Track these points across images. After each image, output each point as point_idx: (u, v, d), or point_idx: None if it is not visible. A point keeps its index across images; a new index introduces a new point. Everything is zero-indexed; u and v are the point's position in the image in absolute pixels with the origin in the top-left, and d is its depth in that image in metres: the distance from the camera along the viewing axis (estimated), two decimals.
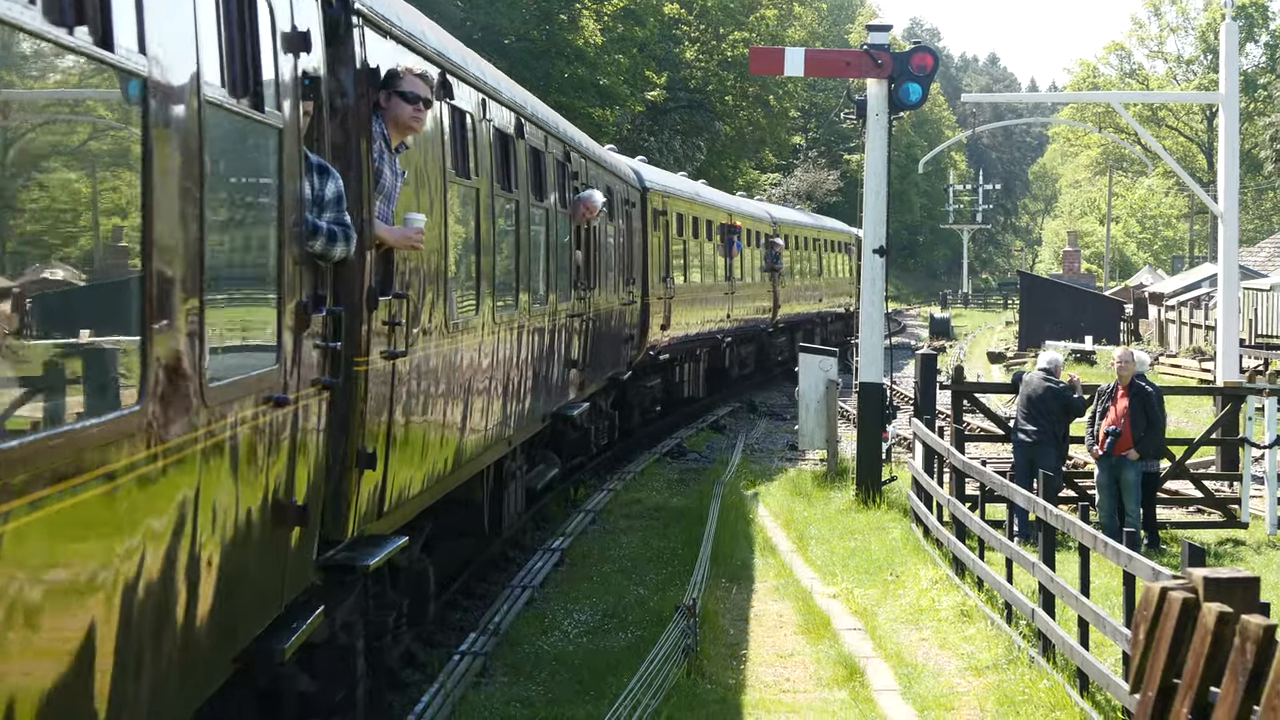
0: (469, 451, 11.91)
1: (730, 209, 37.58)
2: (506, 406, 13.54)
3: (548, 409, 16.52)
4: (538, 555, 17.28)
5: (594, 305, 20.01)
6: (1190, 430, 26.64)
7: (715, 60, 72.74)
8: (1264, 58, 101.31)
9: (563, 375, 17.37)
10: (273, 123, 7.12)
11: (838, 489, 22.49)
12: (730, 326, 36.18)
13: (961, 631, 13.84)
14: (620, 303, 23.24)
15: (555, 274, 16.54)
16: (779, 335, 45.13)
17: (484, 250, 12.40)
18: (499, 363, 13.07)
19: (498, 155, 13.24)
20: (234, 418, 6.49)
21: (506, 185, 13.65)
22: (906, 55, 21.59)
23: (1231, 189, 24.12)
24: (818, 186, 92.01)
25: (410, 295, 9.60)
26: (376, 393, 8.91)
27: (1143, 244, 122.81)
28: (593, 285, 19.76)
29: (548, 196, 16.28)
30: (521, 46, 52.98)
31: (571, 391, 18.22)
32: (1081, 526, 11.72)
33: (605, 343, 21.61)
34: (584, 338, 19.01)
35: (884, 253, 21.75)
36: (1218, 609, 6.99)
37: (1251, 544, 18.73)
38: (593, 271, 19.75)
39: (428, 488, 10.61)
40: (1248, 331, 46.73)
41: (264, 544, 7.05)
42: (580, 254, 18.58)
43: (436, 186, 10.57)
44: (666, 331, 28.41)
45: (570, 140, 18.49)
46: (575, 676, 12.32)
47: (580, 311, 18.62)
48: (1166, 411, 18.70)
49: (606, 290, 21.51)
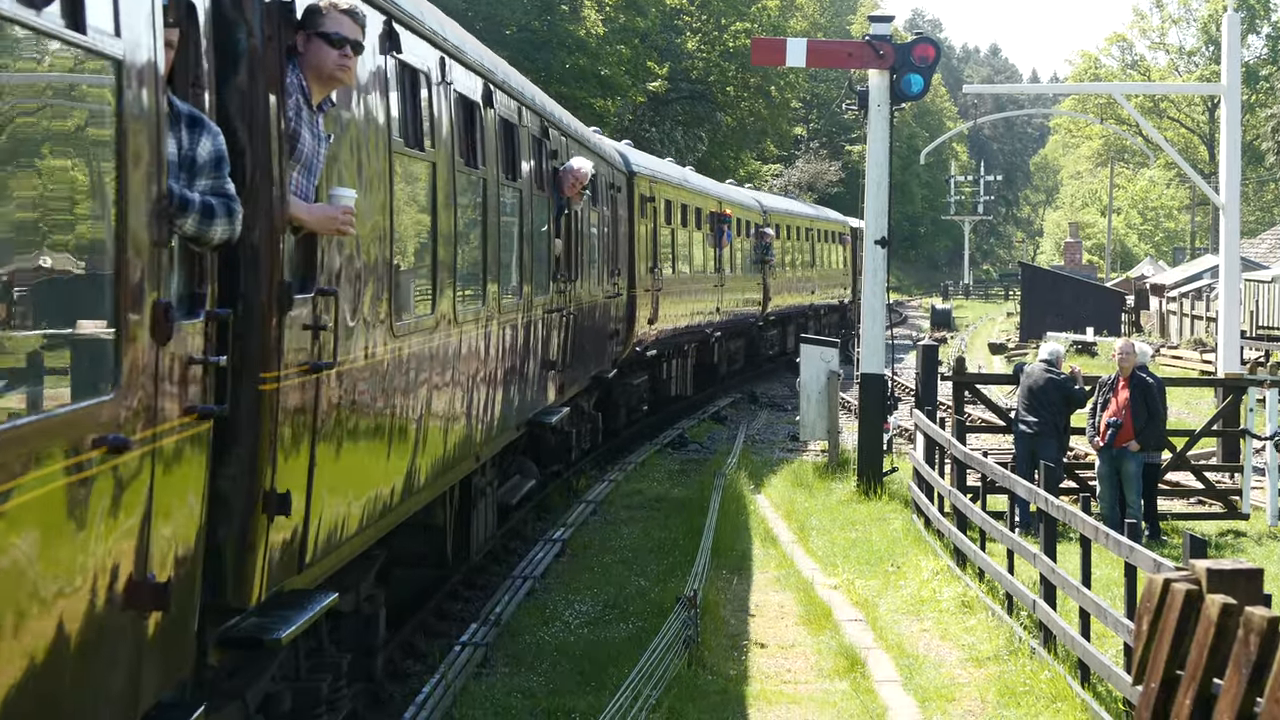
0: (425, 474, 10.28)
1: (720, 196, 36.19)
2: (472, 417, 11.93)
3: (523, 416, 14.82)
4: (539, 546, 17.27)
5: (575, 299, 18.33)
6: (1191, 422, 26.63)
7: (717, 51, 72.67)
8: (1266, 49, 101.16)
9: (539, 378, 15.75)
10: (106, 50, 5.13)
11: (839, 480, 22.49)
12: (720, 320, 34.79)
13: (963, 622, 13.83)
14: (605, 295, 21.71)
15: (530, 264, 14.90)
16: (769, 329, 43.83)
17: (443, 236, 10.72)
18: (462, 368, 11.47)
19: (460, 125, 11.59)
20: (27, 476, 4.59)
21: (471, 161, 12.02)
22: (908, 46, 21.59)
23: (1233, 180, 24.12)
24: (819, 177, 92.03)
25: (341, 291, 7.90)
26: (293, 418, 7.19)
27: (1144, 235, 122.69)
28: (574, 277, 18.13)
29: (521, 176, 14.59)
30: (523, 37, 52.95)
31: (550, 395, 16.56)
32: (1083, 518, 11.71)
33: (588, 340, 19.92)
34: (564, 335, 17.29)
35: (886, 244, 21.75)
36: (1221, 601, 6.98)
37: (1252, 535, 18.72)
38: (574, 261, 18.18)
39: (370, 524, 8.93)
40: (1249, 323, 46.68)
41: (98, 643, 5.20)
42: (560, 242, 16.97)
43: (379, 158, 8.86)
44: (654, 326, 27.04)
45: (549, 115, 16.89)
46: (576, 667, 12.31)
47: (560, 306, 16.93)
48: (1168, 403, 18.68)
49: (589, 282, 19.92)
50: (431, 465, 10.44)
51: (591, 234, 20.25)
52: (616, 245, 23.36)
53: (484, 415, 12.45)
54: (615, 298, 23.03)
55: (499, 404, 13.13)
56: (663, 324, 27.77)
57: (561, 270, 17.03)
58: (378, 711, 11.02)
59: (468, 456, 11.93)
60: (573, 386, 18.81)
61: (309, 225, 7.28)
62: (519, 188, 14.44)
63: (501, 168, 13.38)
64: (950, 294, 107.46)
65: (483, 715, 11.00)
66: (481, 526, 13.68)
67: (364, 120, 8.63)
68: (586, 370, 20.19)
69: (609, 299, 22.24)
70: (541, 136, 16.02)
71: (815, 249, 50.37)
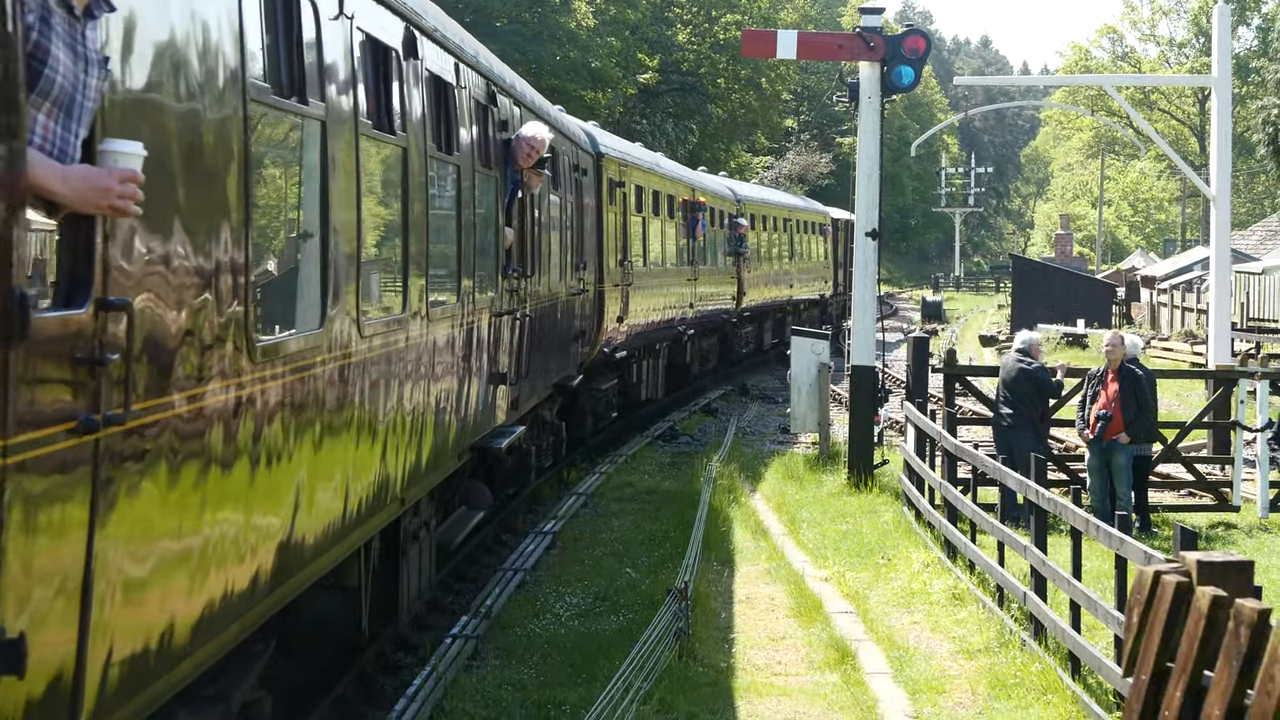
0: (314, 540, 7.88)
1: (692, 183, 33.94)
2: (390, 457, 9.64)
3: (465, 442, 12.61)
4: (529, 538, 17.27)
5: (533, 297, 16.03)
6: (1182, 414, 26.66)
7: (707, 43, 72.74)
8: (1256, 41, 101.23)
9: (486, 394, 13.32)
10: None
11: (830, 472, 22.49)
12: (693, 316, 32.48)
13: (953, 615, 13.84)
14: (568, 292, 19.58)
15: (472, 256, 12.47)
16: (744, 325, 41.45)
17: (338, 221, 8.24)
18: (373, 395, 9.09)
19: (365, 75, 9.05)
20: None
21: (384, 124, 9.65)
22: (899, 38, 21.57)
23: (1223, 172, 24.12)
24: (810, 169, 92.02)
25: (145, 302, 5.52)
26: (39, 510, 4.76)
27: (1135, 227, 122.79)
28: (531, 271, 15.80)
29: (459, 148, 12.07)
30: (513, 30, 52.92)
31: (500, 413, 14.17)
32: (1073, 510, 11.71)
33: (549, 344, 17.73)
34: (518, 341, 14.96)
35: (876, 235, 21.76)
36: (1212, 593, 6.98)
37: (1243, 527, 18.74)
38: (531, 253, 15.89)
39: (219, 626, 6.50)
40: (1239, 315, 46.75)
41: None
42: (512, 231, 14.63)
43: (212, 106, 6.26)
44: (624, 324, 24.99)
45: (497, 77, 14.38)
46: (567, 659, 12.30)
47: (511, 307, 14.50)
48: (1158, 395, 18.67)
49: (550, 277, 17.74)
50: (324, 528, 8.11)
51: (552, 222, 18.17)
52: (582, 235, 21.27)
53: (408, 451, 10.20)
54: (581, 294, 20.90)
55: (429, 433, 10.88)
56: (634, 322, 25.95)
57: (514, 264, 14.75)
58: (368, 704, 11.01)
59: (385, 505, 9.70)
60: (531, 399, 16.57)
61: (62, 199, 4.81)
62: (455, 163, 12.02)
63: (430, 136, 10.98)
64: (941, 286, 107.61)
65: (473, 707, 10.99)
66: (414, 577, 11.64)
67: (187, 48, 6.01)
68: (547, 378, 18.02)
69: (573, 296, 20.10)
70: (487, 102, 13.62)
71: (794, 240, 48.33)
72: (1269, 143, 51.58)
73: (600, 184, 23.42)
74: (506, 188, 14.37)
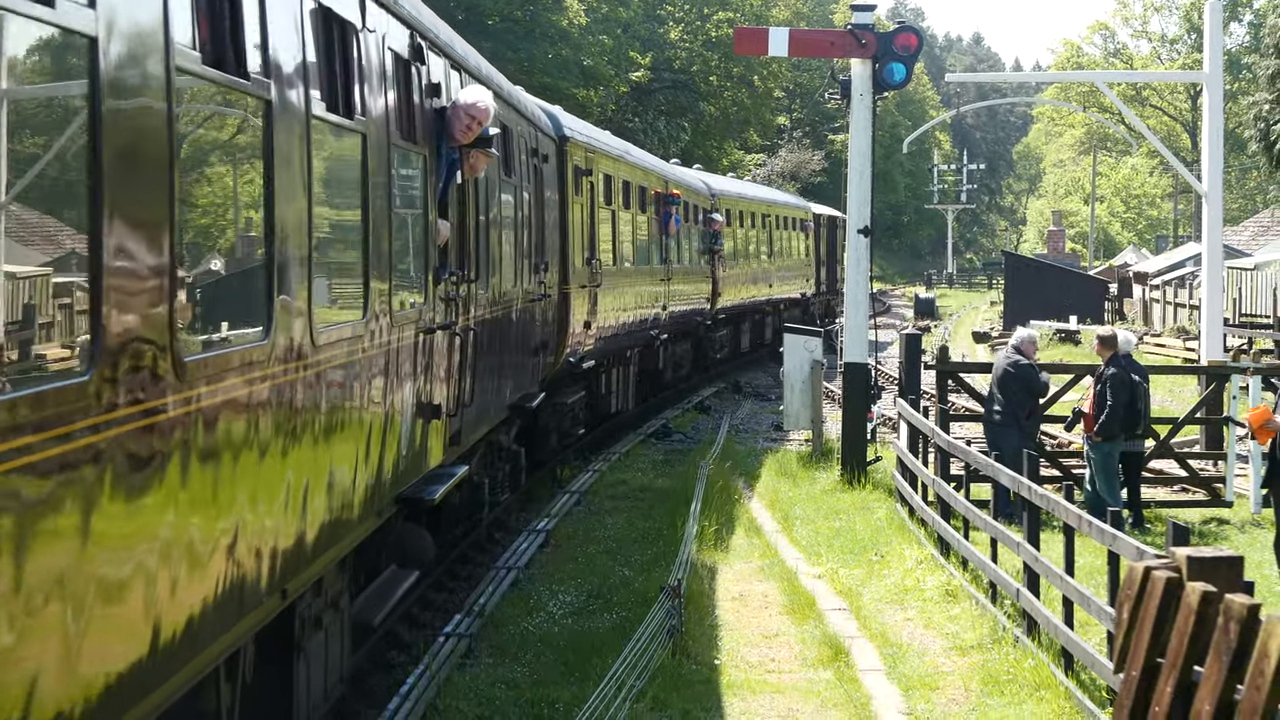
0: (119, 685, 5.50)
1: (665, 174, 31.44)
2: (261, 540, 7.09)
3: (385, 497, 9.88)
4: (522, 536, 17.27)
5: (479, 305, 13.42)
6: (1175, 409, 26.69)
7: (699, 40, 72.80)
8: (1248, 37, 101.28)
9: (413, 434, 10.54)
10: None
11: (823, 469, 22.51)
12: (666, 320, 30.05)
13: (946, 611, 13.86)
14: (526, 297, 17.00)
15: (385, 258, 9.56)
16: (718, 329, 38.98)
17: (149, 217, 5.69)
18: (230, 459, 6.61)
19: (204, 6, 6.49)
20: None
21: (235, 66, 6.78)
22: (890, 35, 21.58)
23: (1215, 168, 24.16)
24: (802, 167, 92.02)
25: None
26: None
27: (1127, 223, 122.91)
28: (475, 273, 13.04)
29: (365, 111, 9.06)
30: (505, 27, 52.92)
31: (433, 454, 11.43)
32: (1066, 506, 11.73)
33: (502, 360, 15.25)
34: (458, 361, 12.19)
35: (869, 233, 21.78)
36: (1201, 588, 7.00)
37: (1236, 523, 18.76)
38: (476, 252, 13.21)
39: None
40: (1232, 311, 46.73)
41: None
42: (447, 224, 11.74)
43: None
44: (592, 331, 22.69)
45: (427, 29, 11.35)
46: (560, 658, 12.31)
47: (448, 320, 11.66)
48: (1149, 391, 18.66)
49: (501, 280, 15.02)
50: (143, 656, 5.71)
51: (505, 214, 15.47)
52: (543, 230, 18.54)
53: (292, 526, 7.58)
54: (542, 299, 18.41)
55: (324, 498, 8.18)
56: (602, 328, 23.59)
57: (452, 265, 12.01)
58: (362, 703, 11.01)
59: (258, 603, 7.17)
60: (479, 428, 14.06)
61: None
62: (358, 130, 8.94)
63: (315, 89, 8.00)
64: (934, 283, 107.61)
65: (467, 706, 11.00)
66: (315, 677, 8.91)
67: None
68: (501, 399, 15.44)
69: (532, 301, 17.58)
70: (411, 58, 10.72)
71: (773, 237, 45.74)
72: (1261, 139, 51.61)
73: (564, 172, 21.00)
74: (440, 169, 11.56)
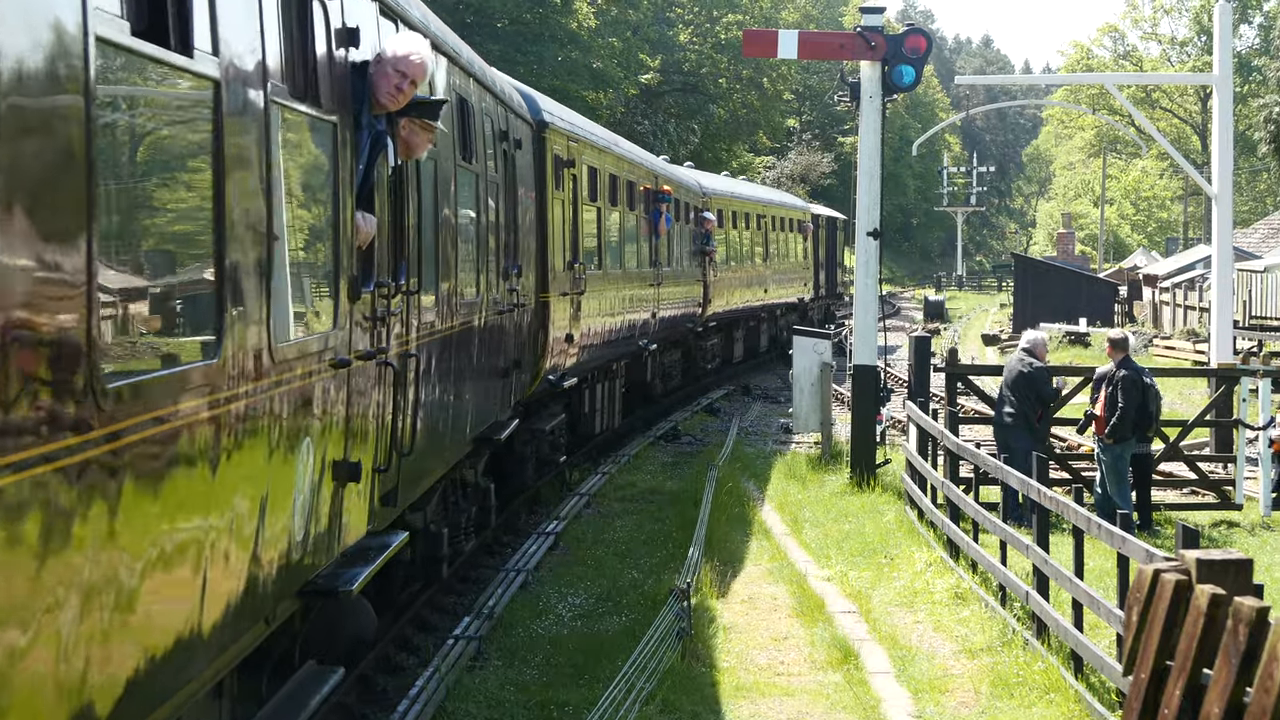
0: None
1: (656, 170, 28.82)
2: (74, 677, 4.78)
3: (287, 589, 7.40)
4: (532, 539, 17.28)
5: (426, 322, 10.58)
6: (1185, 412, 26.66)
7: (709, 43, 72.84)
8: (1258, 39, 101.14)
9: (315, 511, 7.73)
10: None
11: (832, 472, 22.51)
12: (656, 328, 27.51)
13: (956, 614, 13.85)
14: (493, 309, 14.27)
15: (266, 268, 6.83)
16: (709, 337, 36.43)
17: None
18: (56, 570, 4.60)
19: None
20: None
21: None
22: (900, 38, 21.59)
23: (1225, 171, 24.14)
24: (812, 169, 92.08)
25: None
26: None
27: (1137, 226, 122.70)
28: (419, 284, 10.26)
29: (227, 54, 6.28)
30: (514, 30, 52.95)
31: (353, 527, 8.62)
32: (1075, 508, 11.72)
33: (460, 388, 12.42)
34: (392, 399, 9.37)
35: (878, 235, 21.79)
36: (1210, 591, 6.99)
37: (1245, 526, 18.74)
38: (420, 256, 10.34)
39: None
40: (1242, 313, 46.71)
41: None
42: (371, 220, 8.77)
43: None
44: (575, 344, 20.05)
45: None
46: (569, 660, 12.32)
47: (376, 346, 8.86)
48: (1160, 393, 18.64)
49: (460, 288, 12.18)
50: None
51: (465, 209, 12.71)
52: (515, 229, 15.97)
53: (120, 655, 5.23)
54: (514, 309, 15.74)
55: (187, 609, 5.86)
56: (587, 339, 21.13)
57: (381, 274, 9.03)
58: (370, 705, 11.03)
59: None
60: (428, 476, 11.49)
61: None
62: (207, 74, 6.06)
63: (176, 39, 5.69)
64: (943, 285, 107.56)
65: (476, 709, 11.01)
66: None
67: None
68: (461, 435, 12.77)
69: (502, 313, 14.92)
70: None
71: (769, 239, 43.39)
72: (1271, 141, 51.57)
73: (543, 163, 18.35)
74: (360, 145, 8.52)
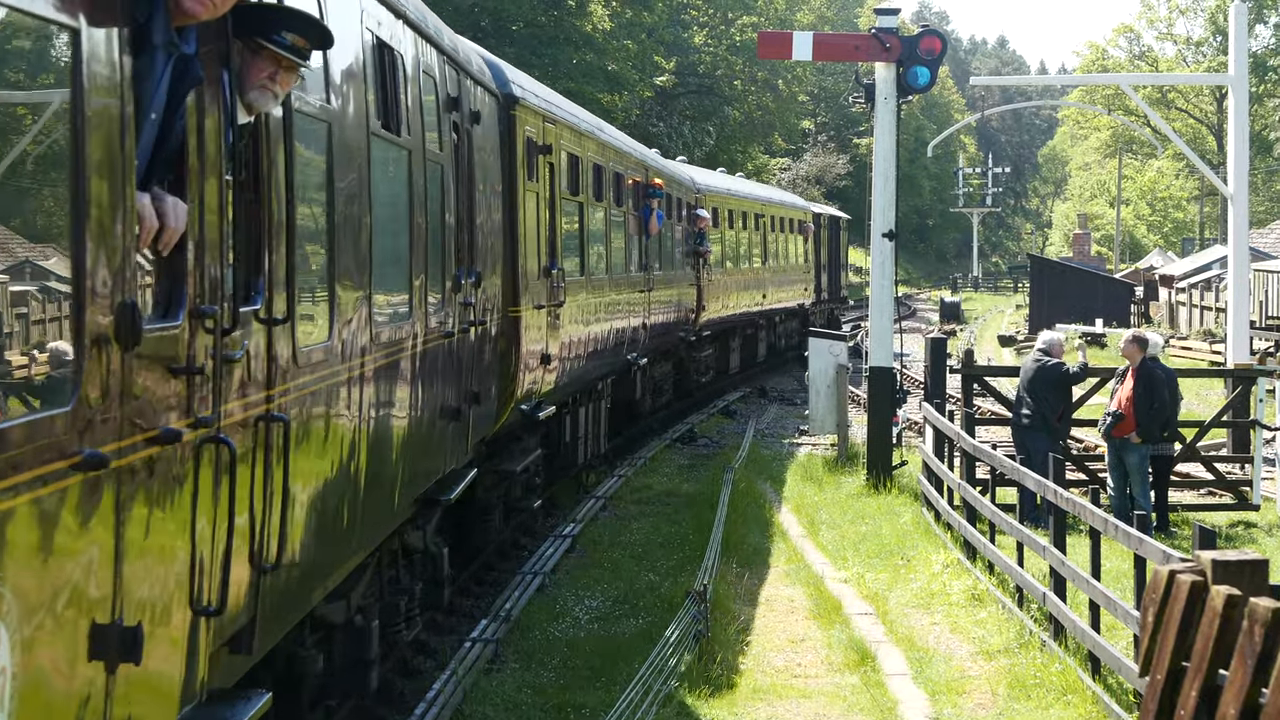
0: None
1: (646, 161, 25.78)
2: None
3: None
4: (549, 542, 17.30)
5: (309, 364, 7.40)
6: (1201, 412, 26.62)
7: (724, 45, 72.83)
8: (1273, 39, 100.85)
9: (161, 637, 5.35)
10: None
11: (848, 474, 22.51)
12: (646, 340, 24.37)
13: (973, 615, 13.84)
14: (437, 331, 10.99)
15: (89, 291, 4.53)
16: (703, 348, 32.67)
17: None
18: None
19: None
20: None
21: None
22: (914, 39, 21.60)
23: (1241, 171, 24.11)
24: (827, 171, 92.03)
25: None
26: None
27: (1153, 226, 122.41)
28: (289, 307, 6.96)
29: None
30: (529, 33, 52.98)
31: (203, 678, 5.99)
32: (1092, 510, 11.72)
33: (380, 450, 9.20)
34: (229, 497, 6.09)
35: (893, 236, 21.79)
36: (1226, 592, 7.00)
37: (1263, 526, 18.71)
38: (290, 263, 6.95)
39: None
40: (1258, 313, 46.60)
41: None
42: (183, 207, 5.43)
43: None
44: (552, 365, 16.90)
45: None
46: (587, 663, 12.34)
47: (198, 415, 5.70)
48: (1180, 394, 18.62)
49: (374, 307, 8.93)
50: None
51: (388, 197, 9.60)
52: (471, 227, 12.63)
53: None
54: (469, 329, 12.47)
55: None
56: (566, 359, 17.99)
57: (201, 296, 5.74)
58: (387, 707, 11.06)
59: None
60: (319, 583, 8.14)
61: None
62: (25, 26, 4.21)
63: None
64: (959, 286, 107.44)
65: (493, 711, 11.04)
66: None
67: None
68: (387, 506, 9.66)
69: (450, 337, 11.52)
70: None
71: (767, 240, 40.55)
72: None
73: (512, 147, 15.36)
74: (153, 82, 5.23)
